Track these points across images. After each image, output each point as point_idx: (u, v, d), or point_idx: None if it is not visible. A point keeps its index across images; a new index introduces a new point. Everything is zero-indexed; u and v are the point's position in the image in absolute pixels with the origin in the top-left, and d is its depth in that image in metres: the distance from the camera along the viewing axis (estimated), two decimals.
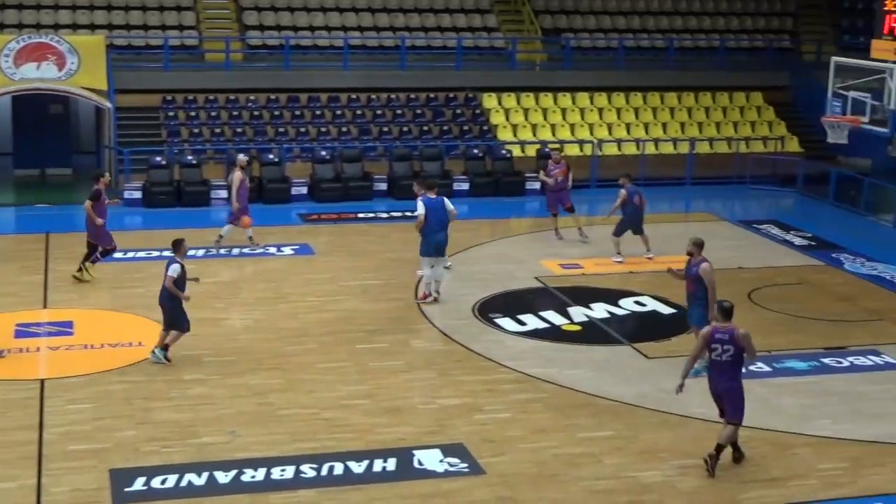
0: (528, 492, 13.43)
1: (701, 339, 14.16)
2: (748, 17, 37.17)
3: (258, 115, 30.80)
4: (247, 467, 13.73)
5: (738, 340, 13.81)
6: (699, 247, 16.89)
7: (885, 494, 13.59)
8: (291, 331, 18.64)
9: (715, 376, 14.10)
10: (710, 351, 13.99)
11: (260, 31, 32.88)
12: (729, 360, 13.89)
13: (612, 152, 31.57)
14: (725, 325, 13.95)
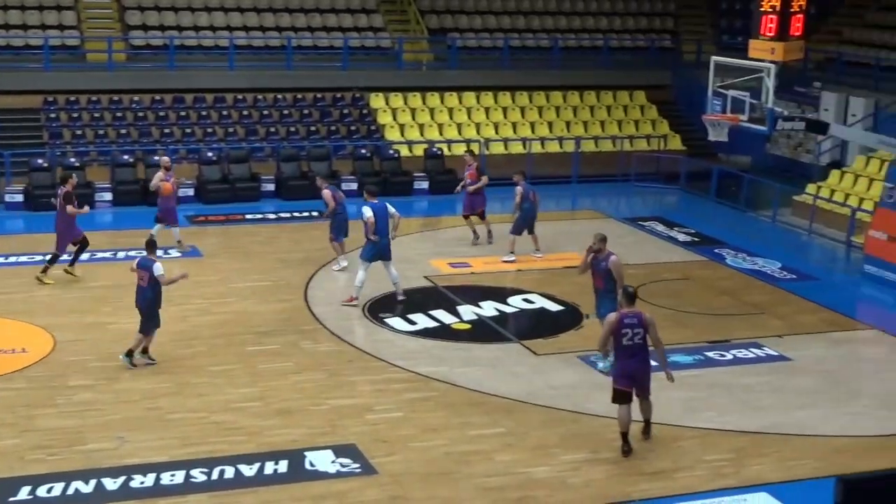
0: (419, 491, 13.49)
1: (608, 325, 14.48)
2: (630, 17, 37.73)
3: (142, 116, 30.40)
4: (136, 473, 13.58)
5: (646, 322, 14.31)
6: (604, 242, 17.14)
7: (768, 483, 13.93)
8: (180, 334, 18.44)
9: (629, 360, 14.45)
10: (620, 336, 14.33)
11: (143, 31, 32.44)
12: (640, 342, 14.36)
13: (499, 151, 31.82)
14: (632, 309, 14.40)
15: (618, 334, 14.36)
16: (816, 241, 26.30)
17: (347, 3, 34.81)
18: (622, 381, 14.55)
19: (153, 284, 16.85)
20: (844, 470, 13.84)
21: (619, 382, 14.57)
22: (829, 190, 28.25)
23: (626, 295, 14.61)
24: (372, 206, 20.18)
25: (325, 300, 20.37)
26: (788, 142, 33.44)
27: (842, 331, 19.93)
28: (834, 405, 16.53)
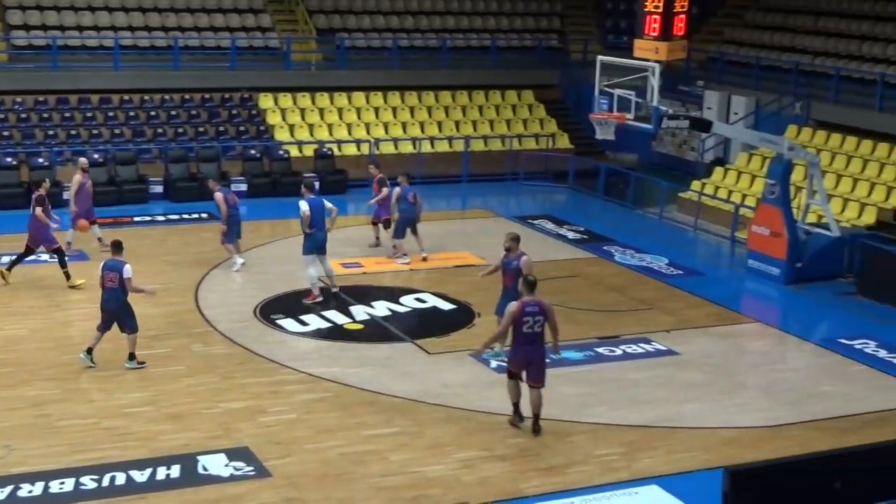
0: (315, 492, 13.48)
1: (509, 316, 14.77)
2: (517, 17, 38.02)
3: (26, 117, 29.82)
4: (24, 482, 13.33)
5: (547, 310, 14.74)
6: (517, 241, 17.27)
7: (658, 476, 14.19)
8: (68, 339, 18.16)
9: (527, 348, 14.85)
10: (521, 325, 14.65)
11: (25, 31, 31.80)
12: (540, 330, 14.78)
13: (390, 151, 31.85)
14: (533, 298, 14.77)
15: (519, 322, 14.71)
16: (702, 237, 26.82)
17: (234, 2, 34.53)
18: (517, 367, 15.06)
19: (122, 285, 16.74)
20: (731, 461, 14.16)
21: (513, 365, 15.10)
22: (714, 187, 28.84)
23: (528, 284, 15.00)
24: (309, 200, 20.40)
25: (216, 302, 20.22)
26: (673, 140, 34.05)
27: (727, 325, 20.36)
28: (720, 398, 16.90)
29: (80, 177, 23.01)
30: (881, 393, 17.33)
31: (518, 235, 17.43)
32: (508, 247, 17.20)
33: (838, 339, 19.67)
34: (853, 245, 22.83)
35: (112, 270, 16.82)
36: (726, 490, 12.13)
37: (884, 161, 27.00)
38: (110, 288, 16.85)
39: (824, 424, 16.00)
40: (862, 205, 25.74)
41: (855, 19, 31.99)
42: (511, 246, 17.18)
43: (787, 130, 28.94)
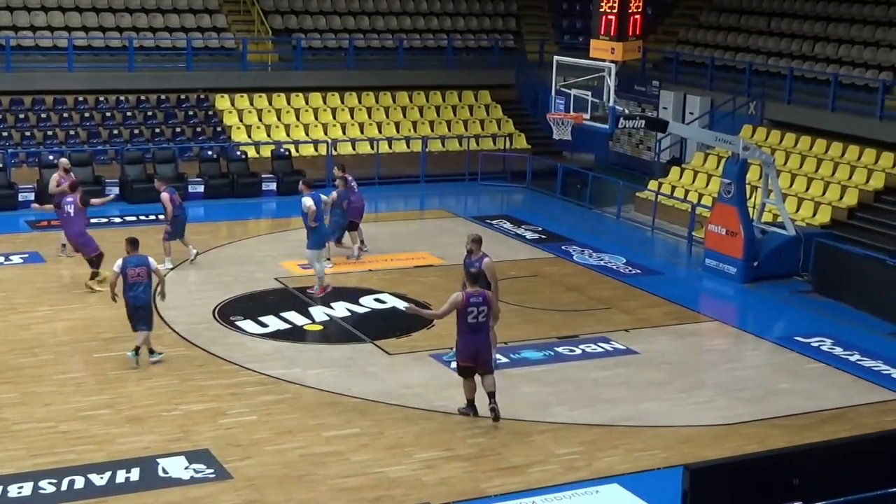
0: (275, 494, 13.44)
1: (452, 304, 15.04)
2: (474, 18, 38.05)
3: None
4: None
5: (490, 300, 15.12)
6: (478, 243, 17.07)
7: (619, 475, 14.26)
8: (24, 342, 18.00)
9: (472, 338, 15.14)
10: (465, 315, 14.95)
11: None
12: (484, 319, 15.10)
13: (347, 152, 31.78)
14: (476, 289, 15.08)
15: (463, 313, 14.99)
16: (659, 236, 26.96)
17: (189, 3, 34.33)
18: (465, 358, 15.28)
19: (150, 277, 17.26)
20: (691, 459, 14.27)
21: (462, 357, 15.32)
22: (670, 186, 29.02)
23: (470, 276, 15.43)
24: (313, 196, 20.97)
25: (174, 304, 20.09)
26: (630, 140, 34.23)
27: (685, 323, 20.49)
28: (680, 396, 17.00)
29: (56, 176, 23.05)
30: (838, 390, 17.51)
31: (480, 237, 17.27)
32: (470, 248, 17.10)
33: (795, 337, 19.85)
34: (808, 244, 23.03)
35: (140, 266, 17.16)
36: (686, 488, 12.23)
37: (837, 160, 27.26)
38: (138, 283, 17.07)
39: (782, 422, 16.14)
40: (816, 204, 25.98)
41: (808, 20, 32.28)
42: (472, 248, 17.05)
43: (742, 130, 29.17)
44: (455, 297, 15.10)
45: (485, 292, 15.24)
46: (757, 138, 29.05)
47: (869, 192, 25.88)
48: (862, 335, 20.07)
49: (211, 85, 32.35)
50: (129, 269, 17.08)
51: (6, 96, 30.09)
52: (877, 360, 18.79)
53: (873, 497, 12.63)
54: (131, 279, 17.07)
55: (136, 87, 31.40)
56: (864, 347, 19.40)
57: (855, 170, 26.69)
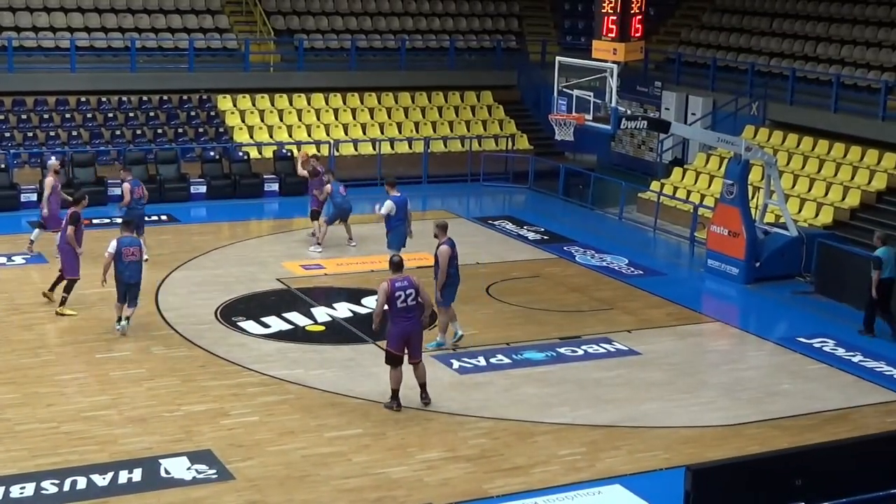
0: (277, 495, 13.44)
1: (382, 293, 15.45)
2: (476, 18, 38.05)
3: None
4: None
5: (416, 284, 15.53)
6: (442, 229, 18.21)
7: (621, 476, 14.26)
8: (26, 343, 18.01)
9: (404, 323, 15.51)
10: (394, 301, 15.35)
11: None
12: (415, 303, 15.46)
13: (350, 152, 31.79)
14: (400, 275, 15.56)
15: (392, 299, 15.34)
16: (661, 237, 26.95)
17: (192, 4, 34.35)
18: (396, 345, 15.54)
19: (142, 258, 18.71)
20: (693, 460, 14.27)
21: (394, 346, 15.57)
22: (672, 187, 29.01)
23: (393, 264, 15.82)
24: (393, 199, 21.27)
25: (176, 305, 20.12)
26: (632, 140, 34.22)
27: (687, 324, 20.48)
28: (682, 397, 16.99)
29: (52, 179, 23.00)
30: (840, 391, 17.51)
31: (446, 224, 18.43)
32: (435, 234, 18.25)
33: (797, 338, 19.85)
34: (811, 245, 23.02)
35: (132, 245, 18.38)
36: (689, 489, 12.22)
37: (840, 161, 27.25)
38: (134, 262, 18.34)
39: (785, 422, 16.14)
40: (819, 204, 25.98)
41: (810, 21, 32.28)
42: (437, 233, 18.21)
43: (745, 131, 29.16)
44: (382, 287, 15.50)
45: (410, 277, 15.65)
46: (759, 139, 29.04)
47: (871, 193, 25.87)
48: (864, 336, 20.05)
49: (213, 86, 32.35)
50: (124, 249, 18.21)
51: (9, 97, 30.11)
52: (879, 361, 18.79)
53: (876, 498, 12.63)
54: (127, 258, 18.23)
55: (139, 87, 31.42)
56: (867, 348, 19.40)
57: (857, 170, 26.68)
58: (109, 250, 18.20)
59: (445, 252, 17.90)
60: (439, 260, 17.84)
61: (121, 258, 18.19)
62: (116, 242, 18.23)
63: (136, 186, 22.46)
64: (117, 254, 18.16)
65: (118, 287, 18.40)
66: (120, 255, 18.17)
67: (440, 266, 17.82)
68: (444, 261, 17.84)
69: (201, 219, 26.50)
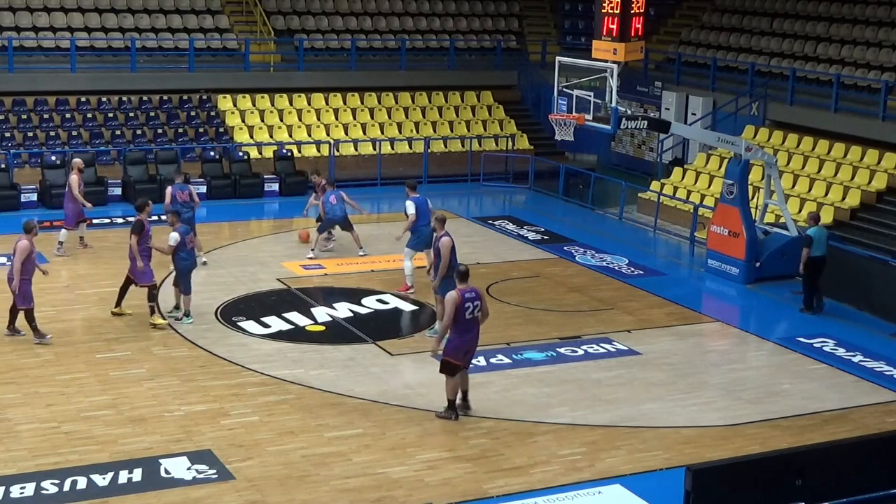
0: (278, 495, 13.45)
1: (451, 303, 15.09)
2: (476, 18, 38.04)
3: None
4: None
5: (482, 295, 15.32)
6: (441, 222, 18.69)
7: (621, 475, 14.26)
8: (26, 343, 17.99)
9: (468, 335, 15.31)
10: (462, 312, 15.10)
11: None
12: (478, 314, 15.29)
13: (350, 152, 31.79)
14: (468, 286, 15.26)
15: (461, 310, 15.12)
16: (661, 237, 26.95)
17: (192, 4, 34.35)
18: (457, 356, 15.33)
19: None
20: (693, 459, 14.29)
21: (455, 357, 15.34)
22: (672, 187, 29.01)
23: (460, 273, 15.52)
24: (415, 200, 21.36)
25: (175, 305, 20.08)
26: (632, 140, 34.22)
27: (687, 324, 20.48)
28: (682, 397, 16.99)
29: (76, 176, 23.26)
30: (840, 391, 17.52)
31: (444, 217, 18.94)
32: (433, 227, 18.83)
33: (797, 338, 19.86)
34: None
35: (189, 233, 19.22)
36: (689, 488, 12.21)
37: (840, 161, 27.25)
38: (192, 249, 19.32)
39: (785, 422, 16.15)
40: (819, 204, 25.96)
41: (810, 21, 32.27)
42: (436, 226, 18.67)
43: (745, 131, 29.17)
44: (451, 297, 15.21)
45: (476, 288, 15.45)
46: (759, 139, 29.05)
47: (871, 193, 25.87)
48: (864, 336, 20.09)
49: (213, 86, 32.35)
50: (186, 238, 19.04)
51: (9, 97, 30.10)
52: (879, 361, 18.80)
53: (876, 498, 12.63)
54: (189, 245, 19.12)
55: (139, 87, 31.41)
56: (867, 348, 19.41)
57: (857, 170, 26.68)
58: (171, 242, 18.89)
59: (448, 243, 18.24)
60: (441, 251, 18.15)
61: (184, 246, 18.97)
62: (178, 234, 18.94)
63: (179, 191, 22.24)
64: (181, 243, 18.91)
65: (181, 276, 19.17)
66: (183, 244, 18.94)
67: (443, 257, 18.13)
68: (446, 252, 18.14)
69: (201, 219, 26.40)
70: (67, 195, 23.30)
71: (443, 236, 18.32)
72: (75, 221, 23.33)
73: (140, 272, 19.05)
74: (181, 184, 22.62)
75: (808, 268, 21.11)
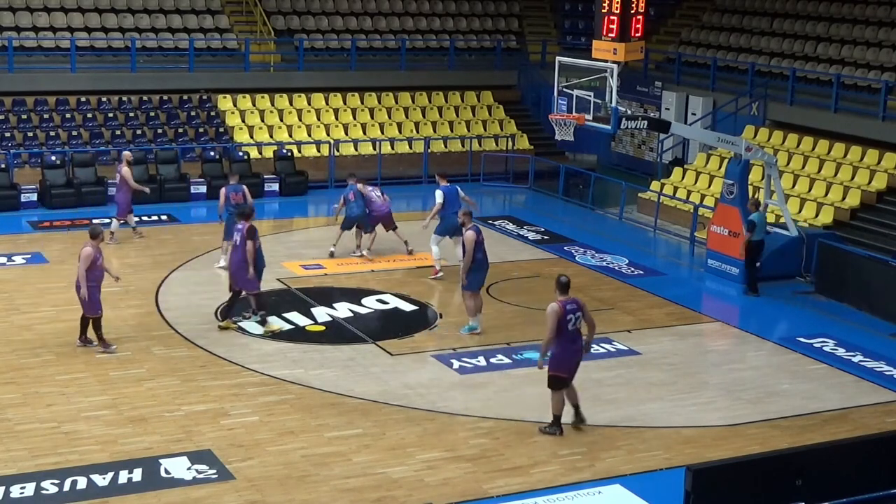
0: (277, 495, 13.45)
1: (553, 315, 14.93)
2: (476, 18, 38.04)
3: None
4: None
5: (583, 306, 15.11)
6: (468, 216, 19.40)
7: (621, 475, 14.27)
8: (27, 343, 18.01)
9: (572, 346, 15.11)
10: (565, 324, 14.89)
11: None
12: (580, 326, 15.06)
13: (350, 152, 31.79)
14: (568, 297, 15.03)
15: (563, 321, 14.87)
16: (661, 237, 26.94)
17: (192, 4, 34.35)
18: (563, 369, 15.11)
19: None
20: (693, 459, 14.29)
21: (560, 370, 15.11)
22: (672, 187, 29.01)
23: (561, 285, 15.17)
24: (443, 189, 22.35)
25: (176, 305, 20.11)
26: (632, 140, 34.22)
27: (687, 324, 20.49)
28: (682, 397, 16.99)
29: (128, 169, 24.00)
30: (840, 391, 17.52)
31: (471, 211, 19.80)
32: (462, 221, 19.38)
33: (797, 338, 19.86)
34: (811, 244, 23.03)
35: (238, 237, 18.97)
36: (689, 489, 12.21)
37: (840, 161, 27.25)
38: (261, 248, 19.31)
39: (784, 422, 16.15)
40: (819, 204, 25.98)
41: (810, 21, 32.27)
42: (464, 220, 19.32)
43: (745, 131, 29.17)
44: (552, 309, 14.97)
45: (577, 299, 15.17)
46: (759, 139, 29.04)
47: (871, 193, 25.87)
48: (864, 336, 20.09)
49: (213, 86, 32.35)
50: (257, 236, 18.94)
51: (8, 97, 30.10)
52: (879, 361, 18.80)
53: (876, 498, 12.62)
54: (258, 243, 18.94)
55: (139, 87, 31.41)
56: (867, 348, 19.41)
57: (857, 170, 26.68)
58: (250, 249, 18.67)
59: (471, 237, 18.70)
60: (465, 245, 18.66)
61: (259, 246, 18.98)
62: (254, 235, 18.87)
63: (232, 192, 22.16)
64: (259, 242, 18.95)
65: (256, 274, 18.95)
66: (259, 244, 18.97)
67: (466, 251, 18.61)
68: (470, 246, 18.60)
69: (201, 219, 26.51)
70: (119, 187, 24.00)
71: (468, 230, 18.85)
72: (126, 212, 24.06)
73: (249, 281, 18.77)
74: (234, 185, 22.51)
75: (751, 251, 22.04)
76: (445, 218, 22.22)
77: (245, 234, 18.63)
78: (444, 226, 22.33)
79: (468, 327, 19.19)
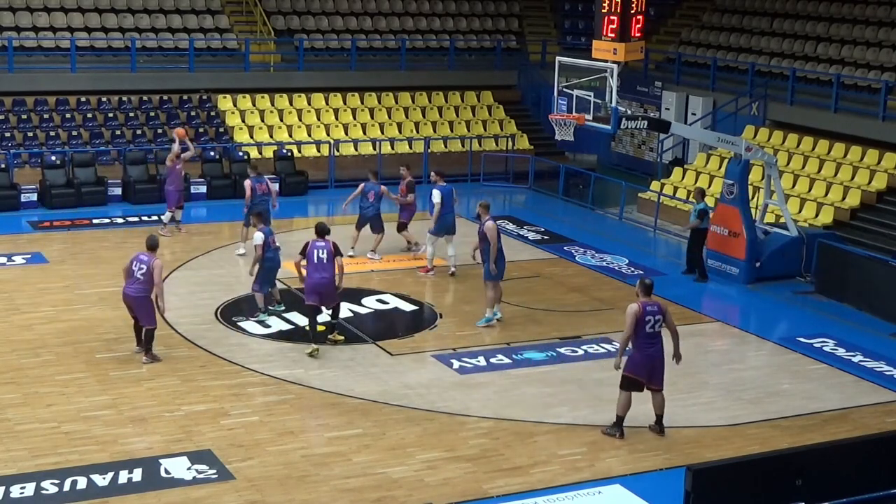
0: (277, 495, 13.45)
1: (632, 316, 14.91)
2: (476, 18, 38.05)
3: None
4: None
5: (665, 310, 15.04)
6: (485, 208, 19.46)
7: (621, 476, 14.27)
8: (26, 343, 18.00)
9: (650, 348, 15.02)
10: (643, 325, 14.84)
11: None
12: (660, 328, 14.99)
13: (350, 152, 31.79)
14: (650, 299, 14.98)
15: (641, 323, 14.85)
16: (661, 237, 26.94)
17: (192, 4, 34.34)
18: (639, 370, 15.07)
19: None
20: (694, 459, 14.29)
21: (636, 371, 15.08)
22: (673, 187, 29.00)
23: (644, 286, 15.14)
24: (440, 189, 22.43)
25: (176, 305, 20.08)
26: (632, 140, 34.22)
27: (687, 324, 20.38)
28: (682, 397, 16.95)
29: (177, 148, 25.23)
30: (840, 391, 17.52)
31: (488, 203, 19.65)
32: (479, 213, 19.57)
33: (797, 338, 19.86)
34: (811, 244, 23.03)
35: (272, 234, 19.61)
36: (689, 489, 12.22)
37: (840, 161, 27.25)
38: (277, 248, 19.68)
39: (785, 422, 16.16)
40: (819, 204, 25.98)
41: (810, 21, 32.27)
42: (480, 212, 19.48)
43: (745, 131, 29.17)
44: (632, 309, 14.94)
45: (658, 302, 15.10)
46: (759, 139, 29.04)
47: (871, 193, 25.88)
48: (864, 336, 20.09)
49: (213, 86, 32.34)
50: (269, 238, 19.32)
51: (9, 97, 30.09)
52: (879, 361, 18.80)
53: (876, 498, 12.62)
54: (273, 245, 19.48)
55: (139, 87, 31.40)
56: (867, 348, 19.41)
57: (857, 170, 26.68)
58: (257, 242, 19.04)
59: (493, 227, 18.90)
60: (488, 235, 18.81)
61: (269, 247, 19.20)
62: (262, 234, 19.13)
63: (257, 183, 23.16)
64: (266, 244, 19.09)
65: (269, 275, 19.41)
66: (268, 245, 19.17)
67: (490, 241, 18.88)
68: (494, 235, 18.83)
69: (201, 219, 26.50)
70: (170, 180, 24.78)
71: (487, 220, 19.00)
72: (175, 205, 24.74)
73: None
74: (257, 176, 23.40)
75: (697, 238, 23.11)
76: (441, 218, 22.31)
77: (332, 249, 17.93)
78: (439, 226, 22.39)
79: (485, 319, 19.45)
